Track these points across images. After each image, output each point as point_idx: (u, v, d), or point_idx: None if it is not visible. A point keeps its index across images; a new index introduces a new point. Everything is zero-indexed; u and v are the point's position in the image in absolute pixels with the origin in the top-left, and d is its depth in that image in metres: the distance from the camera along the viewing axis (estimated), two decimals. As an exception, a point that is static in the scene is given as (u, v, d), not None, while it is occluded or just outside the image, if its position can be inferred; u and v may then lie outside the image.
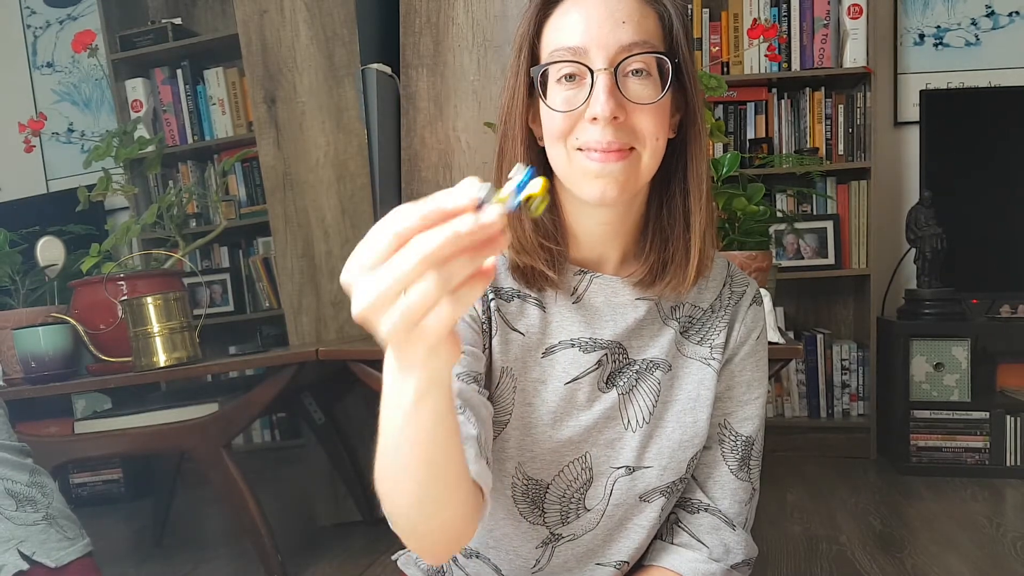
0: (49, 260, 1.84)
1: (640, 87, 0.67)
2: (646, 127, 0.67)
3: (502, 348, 0.74)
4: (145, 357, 1.60)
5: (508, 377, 0.74)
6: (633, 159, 0.67)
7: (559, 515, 0.76)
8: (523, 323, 0.75)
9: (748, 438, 0.80)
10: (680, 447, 0.76)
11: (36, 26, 3.14)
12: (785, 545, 1.82)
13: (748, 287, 0.81)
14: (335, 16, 1.90)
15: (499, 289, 0.76)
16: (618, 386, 0.75)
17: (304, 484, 2.40)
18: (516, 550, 0.78)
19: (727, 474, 0.79)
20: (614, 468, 0.75)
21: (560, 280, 0.74)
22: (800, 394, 2.67)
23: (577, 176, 0.69)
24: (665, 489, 0.76)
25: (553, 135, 0.69)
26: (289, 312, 1.96)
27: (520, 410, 0.74)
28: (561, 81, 0.68)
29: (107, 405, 2.19)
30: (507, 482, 0.76)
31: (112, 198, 2.40)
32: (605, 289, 0.75)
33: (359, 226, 1.93)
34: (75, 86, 3.13)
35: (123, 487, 2.64)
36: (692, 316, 0.78)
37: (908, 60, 2.64)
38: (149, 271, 1.82)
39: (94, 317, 1.69)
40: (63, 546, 1.14)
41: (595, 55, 0.66)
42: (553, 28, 0.69)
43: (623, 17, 0.66)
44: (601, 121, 0.65)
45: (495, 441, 0.74)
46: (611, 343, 0.75)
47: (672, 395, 0.77)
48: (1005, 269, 2.45)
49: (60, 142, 3.13)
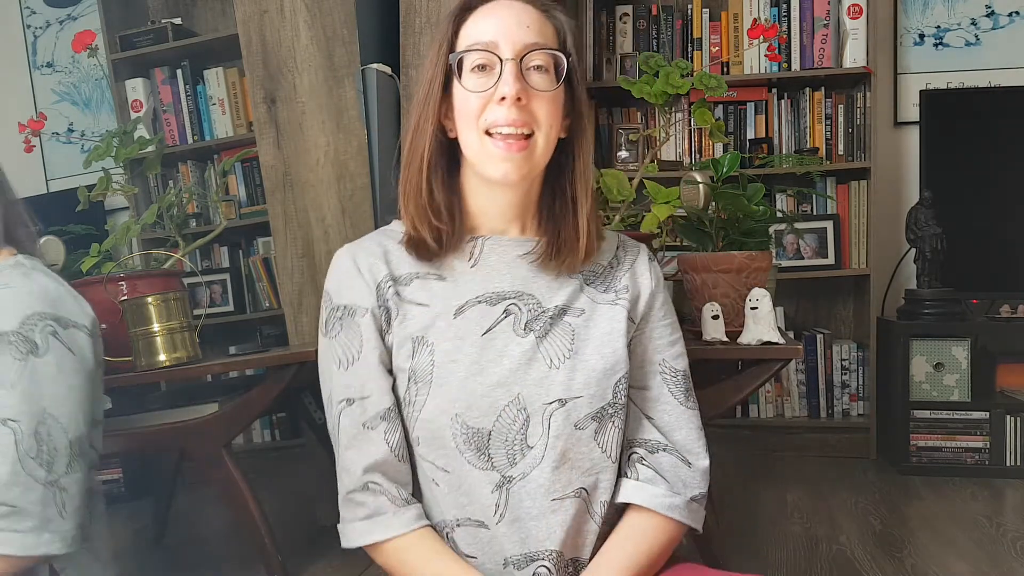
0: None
1: (540, 78, 0.81)
2: (543, 114, 0.81)
3: (405, 324, 0.85)
4: (145, 357, 1.60)
5: (421, 345, 0.84)
6: (531, 146, 0.81)
7: (505, 457, 0.82)
8: (425, 296, 0.86)
9: (684, 371, 0.93)
10: (604, 375, 0.85)
11: (36, 26, 3.14)
12: (785, 545, 1.82)
13: (640, 248, 0.96)
14: (335, 16, 1.90)
15: (397, 277, 0.87)
16: (534, 331, 0.85)
17: (304, 484, 2.40)
18: (478, 500, 0.83)
19: (678, 406, 0.91)
20: (546, 404, 0.82)
21: (446, 254, 0.87)
22: (800, 394, 2.67)
23: (485, 158, 0.82)
24: (596, 415, 0.84)
25: (465, 116, 0.82)
26: (289, 312, 1.96)
27: (443, 368, 0.83)
28: (474, 70, 0.82)
29: (107, 405, 2.19)
30: (447, 435, 0.82)
31: (112, 198, 2.40)
32: (496, 249, 0.88)
33: (359, 226, 1.93)
34: (75, 86, 3.13)
35: (123, 487, 2.64)
36: (594, 271, 0.91)
37: (908, 60, 2.64)
38: (149, 271, 1.82)
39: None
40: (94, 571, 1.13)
41: (504, 47, 0.80)
42: (469, 29, 0.83)
43: (527, 23, 0.82)
44: (508, 100, 0.79)
45: (427, 401, 0.83)
46: (515, 292, 0.86)
47: (588, 333, 0.86)
48: (1005, 269, 2.45)
49: (60, 142, 3.13)
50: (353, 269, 0.87)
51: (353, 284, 0.87)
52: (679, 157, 2.69)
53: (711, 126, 1.56)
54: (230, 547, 2.06)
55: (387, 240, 0.90)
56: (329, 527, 2.06)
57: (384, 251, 0.89)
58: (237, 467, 1.66)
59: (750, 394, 1.42)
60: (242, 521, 1.67)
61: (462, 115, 0.83)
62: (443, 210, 0.85)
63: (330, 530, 0.94)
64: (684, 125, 2.66)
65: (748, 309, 1.37)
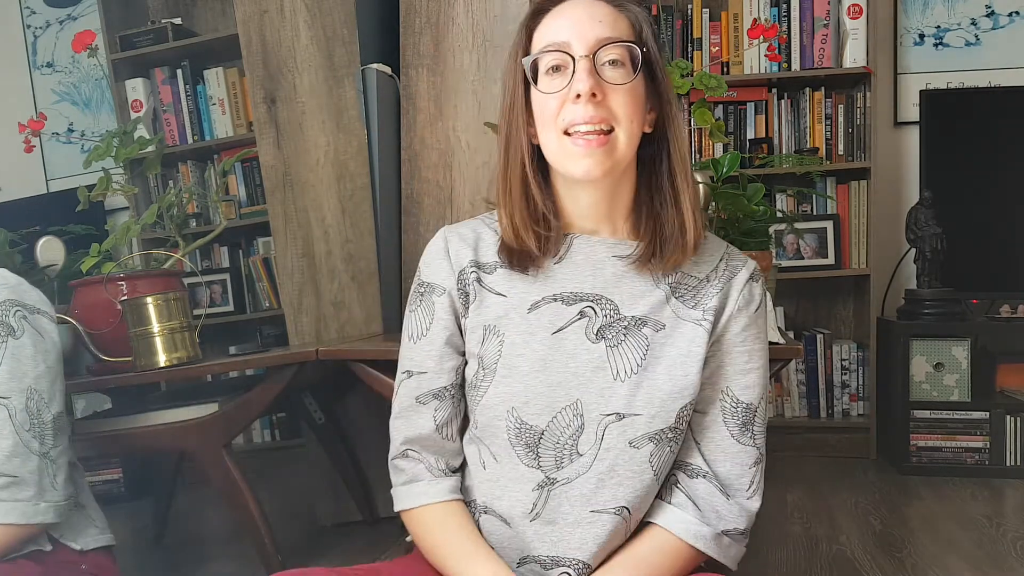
0: (49, 260, 1.84)
1: (615, 72, 0.79)
2: (621, 108, 0.79)
3: (481, 310, 0.86)
4: (145, 357, 1.60)
5: (492, 334, 0.85)
6: (612, 141, 0.79)
7: (553, 459, 0.82)
8: (506, 287, 0.86)
9: (750, 405, 0.86)
10: (670, 397, 0.81)
11: (36, 26, 3.14)
12: (785, 545, 1.82)
13: (745, 264, 0.88)
14: (335, 16, 1.90)
15: (482, 264, 0.87)
16: (607, 339, 0.83)
17: (304, 484, 2.40)
18: (515, 495, 0.84)
19: (728, 438, 0.86)
20: (604, 415, 0.81)
21: (543, 259, 0.85)
22: (800, 394, 2.67)
23: (565, 157, 0.80)
24: (653, 436, 0.82)
25: (544, 118, 0.81)
26: (289, 312, 1.96)
27: (509, 360, 0.83)
28: (549, 72, 0.80)
29: (107, 405, 2.19)
30: (501, 425, 0.83)
31: (112, 198, 2.40)
32: (585, 248, 0.85)
33: (359, 226, 1.93)
34: (75, 86, 3.13)
35: (123, 487, 2.64)
36: (685, 283, 0.85)
37: (908, 60, 2.64)
38: (149, 271, 1.82)
39: (94, 317, 1.69)
40: (91, 533, 1.18)
41: (576, 45, 0.79)
42: (541, 32, 0.82)
43: (599, 18, 0.80)
44: (584, 97, 0.77)
45: (489, 388, 0.84)
46: (594, 295, 0.84)
47: (664, 351, 0.83)
48: (1005, 269, 2.45)
49: (60, 142, 3.13)
50: (443, 250, 0.89)
51: (440, 264, 0.88)
52: (679, 157, 2.68)
53: (711, 126, 1.56)
54: (230, 547, 2.06)
55: (483, 227, 0.91)
56: (329, 527, 2.06)
57: (477, 237, 0.89)
58: (237, 467, 1.66)
59: (750, 394, 1.42)
60: (242, 521, 1.67)
61: (541, 118, 0.82)
62: (545, 216, 0.84)
63: (330, 530, 0.95)
64: (684, 125, 2.66)
65: (748, 309, 1.36)
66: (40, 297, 1.13)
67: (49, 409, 1.06)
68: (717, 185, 1.46)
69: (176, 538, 2.18)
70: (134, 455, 2.49)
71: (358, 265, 1.93)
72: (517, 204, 0.84)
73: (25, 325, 1.06)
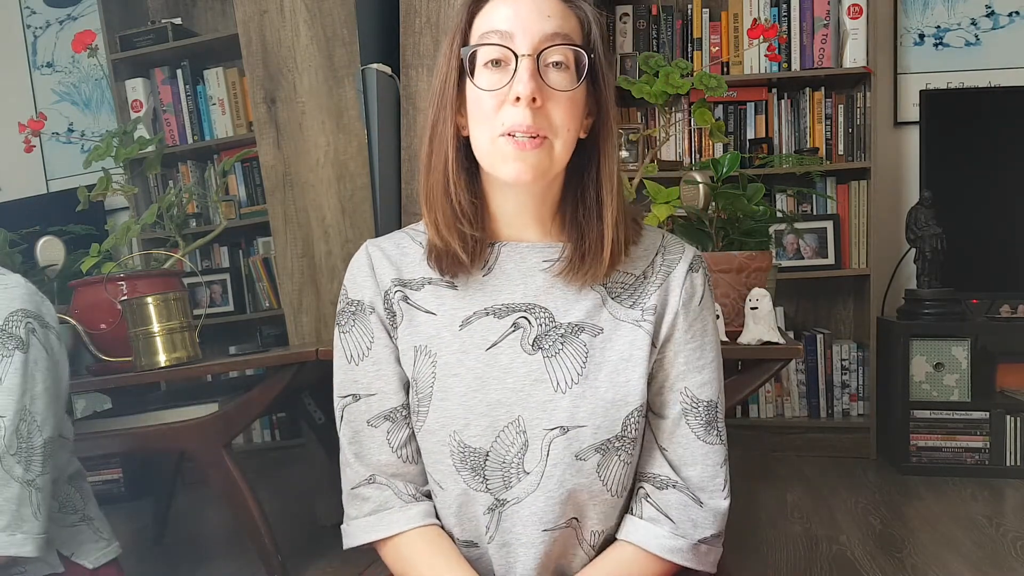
0: (49, 260, 1.84)
1: (558, 77, 0.74)
2: (560, 117, 0.74)
3: (411, 330, 0.81)
4: (145, 357, 1.60)
5: (423, 355, 0.80)
6: (546, 147, 0.74)
7: (501, 480, 0.78)
8: (435, 304, 0.82)
9: (710, 402, 0.83)
10: (613, 405, 0.78)
11: (36, 26, 3.14)
12: (785, 545, 1.82)
13: (683, 255, 0.84)
14: (335, 16, 1.90)
15: (407, 281, 0.83)
16: (543, 348, 0.79)
17: (304, 484, 2.40)
18: (470, 519, 0.80)
19: (694, 440, 0.82)
20: (548, 429, 0.77)
21: (473, 266, 0.80)
22: (800, 394, 2.67)
23: (496, 158, 0.75)
24: (600, 447, 0.78)
25: (478, 116, 0.75)
26: (289, 312, 1.96)
27: (444, 381, 0.79)
28: (488, 65, 0.74)
29: (107, 405, 2.19)
30: (445, 451, 0.79)
31: (112, 198, 2.40)
32: (513, 256, 0.81)
33: (359, 226, 1.93)
34: (75, 86, 3.13)
35: (123, 487, 2.64)
36: (622, 282, 0.82)
37: (908, 60, 2.64)
38: (149, 271, 1.82)
39: (94, 317, 1.69)
40: (100, 547, 1.15)
41: (520, 41, 0.73)
42: (484, 17, 0.76)
43: (548, 12, 0.74)
44: (523, 101, 0.72)
45: (428, 414, 0.80)
46: (527, 305, 0.80)
47: (604, 356, 0.79)
48: (1005, 269, 2.45)
49: (60, 142, 3.13)
50: (367, 266, 0.84)
51: (365, 282, 0.84)
52: (679, 157, 2.69)
53: (711, 126, 1.56)
54: (230, 547, 2.06)
55: (408, 240, 0.86)
56: (329, 527, 2.06)
57: (400, 252, 0.85)
58: (237, 467, 1.66)
59: (750, 394, 1.42)
60: (242, 521, 1.67)
61: (475, 114, 0.76)
62: (471, 215, 0.79)
63: (330, 530, 0.94)
64: (684, 125, 2.66)
65: (748, 309, 1.37)
66: (52, 312, 1.07)
67: (41, 433, 0.99)
68: (717, 185, 1.46)
69: (176, 538, 2.18)
70: (134, 455, 2.49)
71: (358, 265, 1.93)
72: (439, 201, 0.79)
73: (34, 340, 0.99)
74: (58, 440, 1.05)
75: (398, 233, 0.88)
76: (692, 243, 1.55)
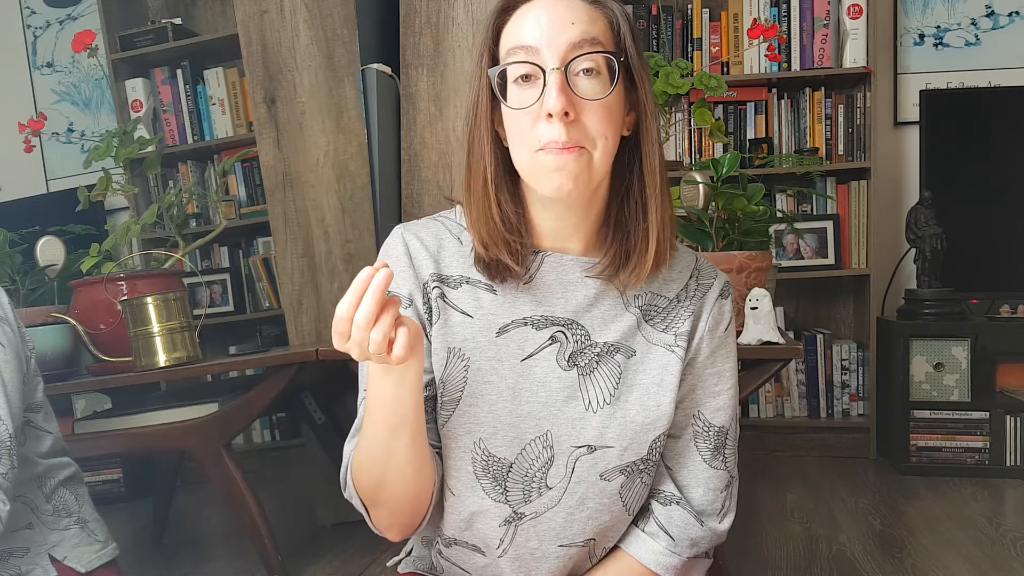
0: (49, 260, 1.84)
1: (590, 85, 0.71)
2: (595, 126, 0.72)
3: (446, 331, 0.78)
4: (145, 357, 1.60)
5: (457, 358, 0.78)
6: (584, 157, 0.72)
7: (521, 493, 0.78)
8: (472, 306, 0.79)
9: (721, 428, 0.83)
10: (643, 429, 0.78)
11: (36, 26, 3.14)
12: (785, 545, 1.82)
13: (716, 280, 0.84)
14: (335, 16, 1.90)
15: (445, 277, 0.80)
16: (579, 366, 0.78)
17: (304, 484, 2.40)
18: (483, 529, 0.80)
19: (700, 463, 0.83)
20: (575, 447, 0.77)
21: (522, 271, 0.78)
22: (800, 394, 2.67)
23: (536, 173, 0.73)
24: (625, 468, 0.78)
25: (516, 135, 0.74)
26: (289, 312, 1.96)
27: (475, 388, 0.77)
28: (518, 82, 0.73)
29: (107, 405, 2.19)
30: (467, 457, 0.78)
31: (112, 198, 2.41)
32: (556, 267, 0.79)
33: (359, 226, 1.93)
34: (75, 86, 3.13)
35: (123, 487, 2.64)
36: (656, 305, 0.81)
37: (908, 60, 2.64)
38: (149, 271, 1.82)
39: (94, 317, 1.69)
40: (94, 550, 1.14)
41: (547, 54, 0.71)
42: (509, 32, 0.74)
43: (572, 19, 0.71)
44: (555, 116, 0.69)
45: (451, 418, 0.78)
46: (565, 320, 0.78)
47: (636, 379, 0.79)
48: (1005, 269, 2.45)
49: (60, 142, 3.13)
50: (405, 255, 0.80)
51: (404, 272, 0.79)
52: (679, 157, 2.69)
53: (711, 126, 1.56)
54: (230, 547, 2.06)
55: (445, 232, 0.82)
56: (329, 527, 2.06)
57: (439, 244, 0.81)
58: (237, 467, 1.66)
59: (750, 394, 1.42)
60: (242, 521, 1.67)
61: (511, 132, 0.74)
62: (515, 226, 0.77)
63: (330, 530, 0.94)
64: (684, 125, 2.66)
65: (748, 309, 1.37)
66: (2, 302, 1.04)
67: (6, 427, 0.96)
68: (717, 185, 1.46)
69: (176, 538, 2.18)
70: (134, 455, 2.49)
71: (358, 265, 1.93)
72: (483, 218, 0.76)
73: None
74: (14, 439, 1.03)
75: (432, 222, 0.84)
76: (692, 243, 1.56)
